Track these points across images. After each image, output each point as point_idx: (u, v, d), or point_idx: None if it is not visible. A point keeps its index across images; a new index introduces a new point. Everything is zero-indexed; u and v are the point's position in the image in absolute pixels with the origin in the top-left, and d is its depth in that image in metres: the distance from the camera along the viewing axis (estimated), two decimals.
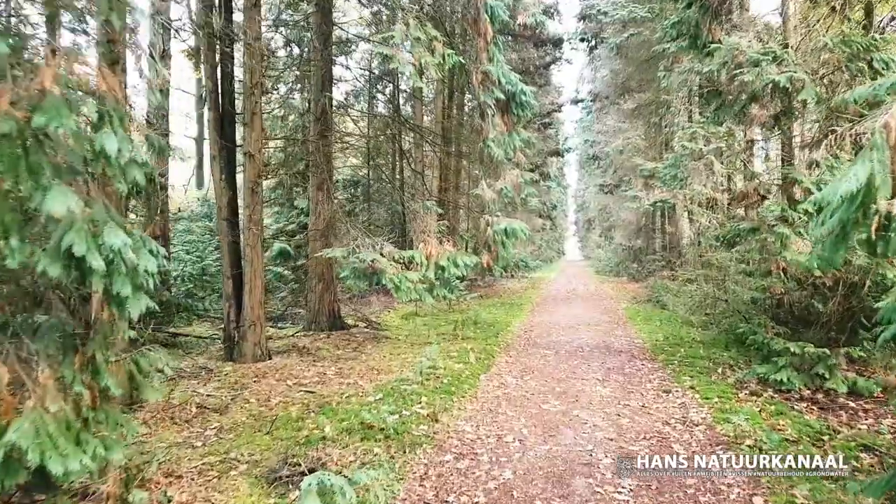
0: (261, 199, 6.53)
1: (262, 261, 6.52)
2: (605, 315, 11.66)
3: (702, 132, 9.73)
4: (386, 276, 5.66)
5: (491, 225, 8.10)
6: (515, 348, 7.91)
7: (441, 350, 7.31)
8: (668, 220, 17.99)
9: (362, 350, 7.41)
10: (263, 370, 6.15)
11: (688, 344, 7.89)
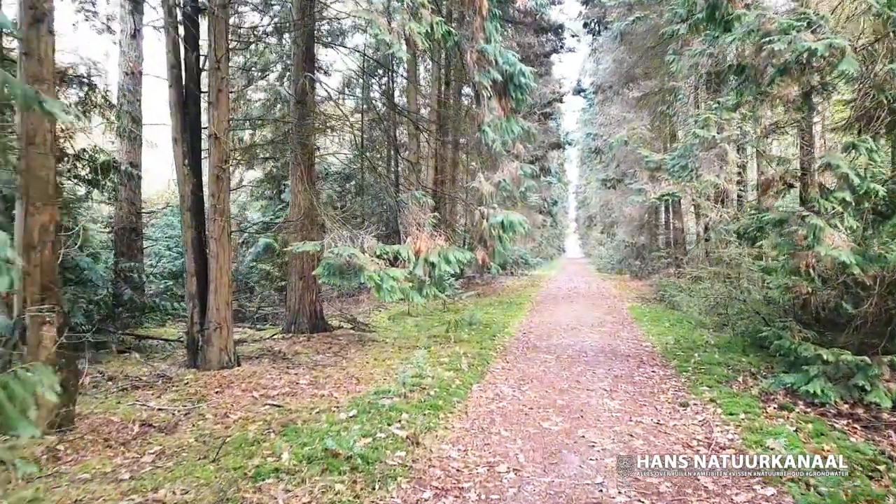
0: (227, 187, 5.85)
1: (229, 256, 5.84)
2: (610, 315, 10.98)
3: (714, 118, 9.02)
4: (365, 273, 4.98)
5: (486, 217, 7.43)
6: (513, 352, 7.24)
7: (430, 355, 6.64)
8: (674, 215, 17.30)
9: (344, 355, 6.74)
10: (229, 379, 5.47)
11: (701, 348, 7.21)
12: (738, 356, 6.69)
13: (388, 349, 7.15)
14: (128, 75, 9.23)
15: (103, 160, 7.26)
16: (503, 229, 7.41)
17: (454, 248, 6.93)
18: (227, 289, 5.80)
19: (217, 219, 5.72)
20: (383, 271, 5.18)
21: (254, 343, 7.20)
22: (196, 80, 5.99)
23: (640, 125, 13.35)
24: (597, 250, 37.45)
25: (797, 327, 5.73)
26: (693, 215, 16.96)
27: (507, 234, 7.57)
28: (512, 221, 7.12)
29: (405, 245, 6.35)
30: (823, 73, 5.22)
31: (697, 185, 11.38)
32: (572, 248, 62.35)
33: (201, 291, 5.85)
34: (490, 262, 7.61)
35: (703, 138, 9.17)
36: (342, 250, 4.96)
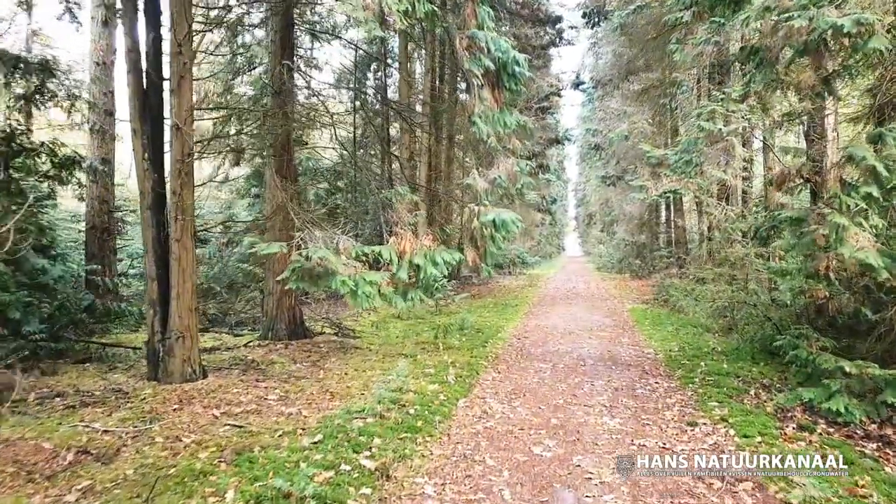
0: (191, 183, 5.34)
1: (193, 258, 5.34)
2: (609, 318, 10.49)
3: (721, 110, 8.51)
4: (337, 277, 4.48)
5: (477, 216, 6.93)
6: (505, 361, 6.74)
7: (415, 364, 6.14)
8: (675, 214, 16.80)
9: (322, 364, 6.24)
10: (191, 393, 4.98)
11: (708, 355, 6.72)
12: (747, 365, 6.21)
13: (372, 357, 6.65)
14: (99, 66, 8.71)
15: (65, 155, 6.76)
16: (495, 228, 6.91)
17: (442, 248, 6.43)
18: (190, 294, 5.29)
19: (179, 218, 5.22)
20: (359, 275, 4.67)
21: (227, 352, 6.70)
22: (157, 65, 5.47)
23: (641, 119, 12.84)
24: (596, 249, 36.96)
25: (814, 335, 5.23)
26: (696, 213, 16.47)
27: (499, 234, 7.08)
28: (505, 220, 6.62)
29: (388, 246, 5.85)
30: (847, 54, 4.72)
31: (701, 181, 10.89)
32: (572, 246, 61.87)
33: (163, 297, 5.34)
34: (481, 263, 7.12)
35: (708, 131, 8.66)
36: (312, 252, 4.46)
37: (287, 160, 7.29)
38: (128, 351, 6.58)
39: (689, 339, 7.80)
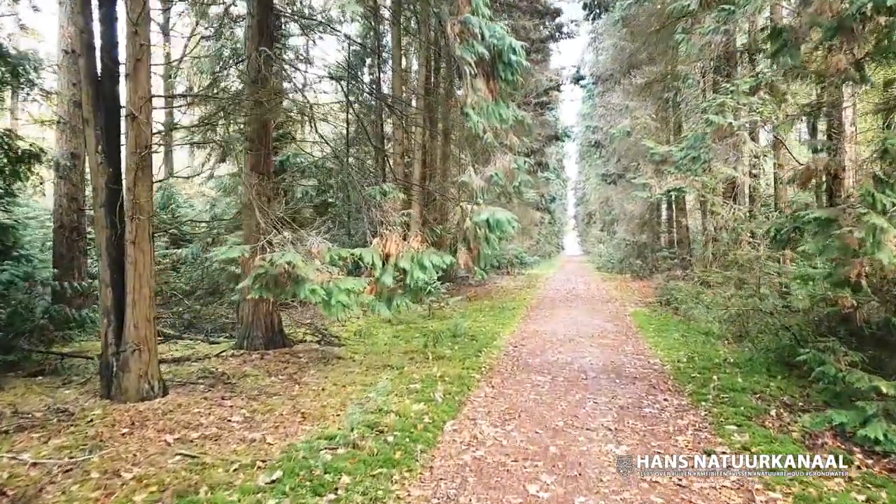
0: (149, 178, 4.79)
1: (151, 262, 4.79)
2: (611, 322, 9.96)
3: (731, 103, 7.99)
4: (306, 285, 3.94)
5: (469, 215, 6.40)
6: (500, 373, 6.21)
7: (400, 379, 5.60)
8: (678, 213, 16.28)
9: (299, 378, 5.70)
10: (146, 414, 4.44)
11: (719, 367, 6.19)
12: (763, 379, 5.68)
13: (354, 369, 6.11)
14: (67, 54, 8.15)
15: (22, 149, 6.21)
16: (489, 228, 6.38)
17: (431, 250, 5.89)
18: (148, 302, 4.75)
19: (136, 217, 4.67)
20: (332, 282, 4.13)
21: (197, 363, 6.16)
22: (112, 47, 4.92)
23: (644, 114, 12.30)
24: (596, 248, 36.44)
25: (841, 349, 4.71)
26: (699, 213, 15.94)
27: (494, 234, 6.55)
28: (499, 219, 6.09)
29: (370, 248, 5.32)
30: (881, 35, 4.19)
31: (707, 179, 10.36)
32: (571, 245, 61.38)
33: (118, 305, 4.80)
34: (474, 265, 6.59)
35: (717, 125, 8.14)
36: (277, 257, 3.92)
37: (264, 154, 6.75)
38: (88, 362, 6.03)
39: (697, 348, 7.27)
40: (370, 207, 5.58)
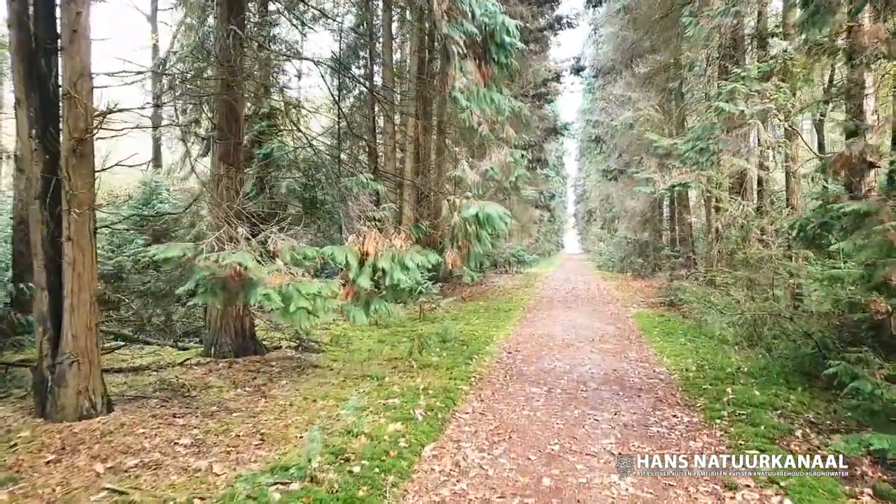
0: (89, 167, 4.22)
1: (93, 262, 4.23)
2: (613, 325, 9.39)
3: (744, 89, 7.40)
4: (258, 289, 3.37)
5: (458, 209, 5.83)
6: (491, 383, 5.64)
7: (378, 391, 5.03)
8: (683, 209, 15.70)
9: (267, 390, 5.13)
10: (81, 436, 3.87)
11: (732, 377, 5.63)
12: (783, 391, 5.12)
13: (331, 380, 5.55)
14: None
15: None
16: (479, 224, 5.82)
17: (416, 249, 5.33)
18: (89, 308, 4.18)
19: (75, 212, 4.10)
20: (291, 286, 3.56)
21: (157, 372, 5.59)
22: (48, 17, 4.34)
23: (647, 106, 11.70)
24: (596, 246, 35.85)
25: (875, 360, 4.14)
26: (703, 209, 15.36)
27: (484, 231, 5.98)
28: (490, 214, 5.52)
29: (343, 246, 4.75)
30: None
31: (715, 174, 9.78)
32: (571, 243, 60.85)
33: (55, 311, 4.23)
34: (463, 265, 6.03)
35: (728, 114, 7.56)
36: (224, 256, 3.34)
37: (234, 143, 6.17)
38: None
39: (706, 355, 6.71)
40: (346, 201, 5.00)
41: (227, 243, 3.63)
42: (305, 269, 4.16)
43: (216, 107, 6.20)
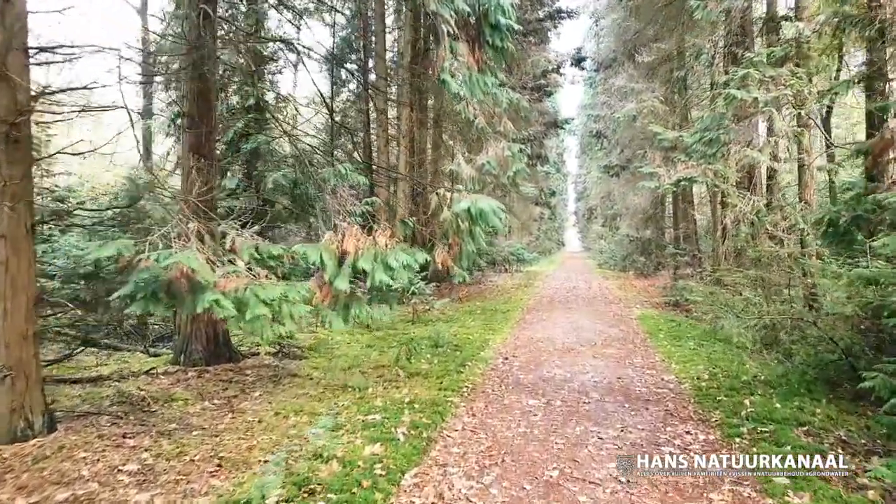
0: (26, 154, 3.72)
1: (30, 263, 3.73)
2: (616, 327, 8.90)
3: (757, 75, 6.89)
4: (205, 295, 2.88)
5: (448, 204, 5.35)
6: (485, 394, 5.15)
7: (359, 406, 4.54)
8: (687, 206, 15.20)
9: (237, 403, 4.65)
10: (11, 463, 3.38)
11: (749, 387, 5.14)
12: (806, 403, 4.63)
13: (309, 391, 5.06)
14: None
15: None
16: (472, 220, 5.34)
17: (401, 247, 4.84)
18: (24, 314, 3.69)
19: (6, 205, 3.61)
20: (248, 290, 3.06)
21: (119, 382, 5.10)
22: None
23: (651, 97, 11.19)
24: (597, 244, 35.34)
25: None
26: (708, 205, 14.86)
27: (477, 227, 5.51)
28: (482, 209, 5.03)
29: (318, 244, 4.27)
30: None
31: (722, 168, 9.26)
32: (572, 241, 60.38)
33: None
34: (454, 265, 5.54)
35: (739, 102, 7.06)
36: (164, 256, 2.85)
37: (206, 133, 5.67)
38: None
39: (718, 361, 6.22)
40: (323, 194, 4.50)
41: (175, 240, 3.14)
42: (271, 271, 3.67)
43: (186, 92, 5.70)
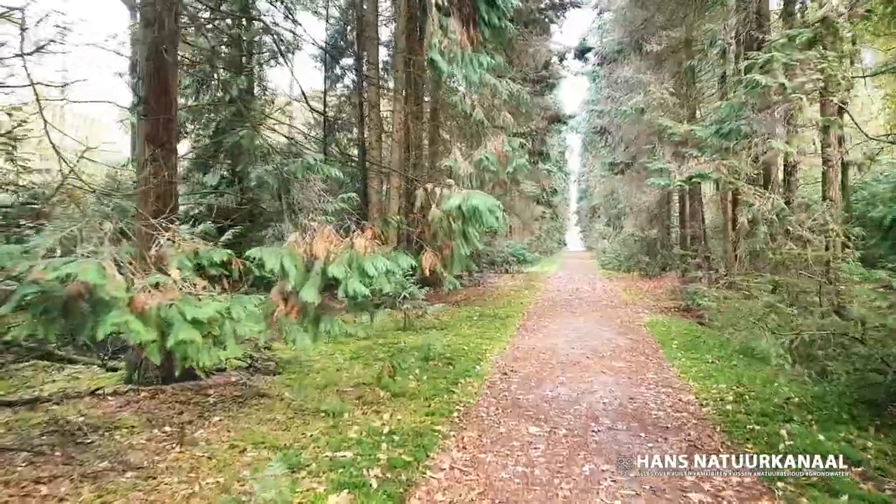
0: None
1: None
2: (624, 335, 8.22)
3: (783, 58, 6.21)
4: (109, 316, 2.23)
5: (437, 200, 4.69)
6: (478, 419, 4.49)
7: (329, 437, 3.88)
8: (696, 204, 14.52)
9: (191, 432, 3.98)
10: None
11: (783, 411, 4.48)
12: (853, 432, 3.96)
13: (277, 415, 4.40)
14: None
15: None
16: (464, 220, 4.68)
17: (382, 251, 4.16)
18: None
19: None
20: (174, 307, 2.41)
21: (57, 406, 4.45)
22: None
23: (660, 89, 10.51)
24: (600, 244, 34.63)
25: None
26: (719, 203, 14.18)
27: (471, 228, 4.85)
28: (476, 207, 4.34)
29: (280, 249, 3.61)
30: None
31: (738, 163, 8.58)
32: (574, 241, 59.70)
33: None
34: (444, 271, 4.88)
35: (763, 89, 6.40)
36: (54, 265, 2.20)
37: (164, 121, 5.02)
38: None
39: (742, 378, 5.55)
40: (288, 188, 3.84)
41: (80, 244, 2.49)
42: (212, 280, 3.01)
43: (142, 75, 5.05)
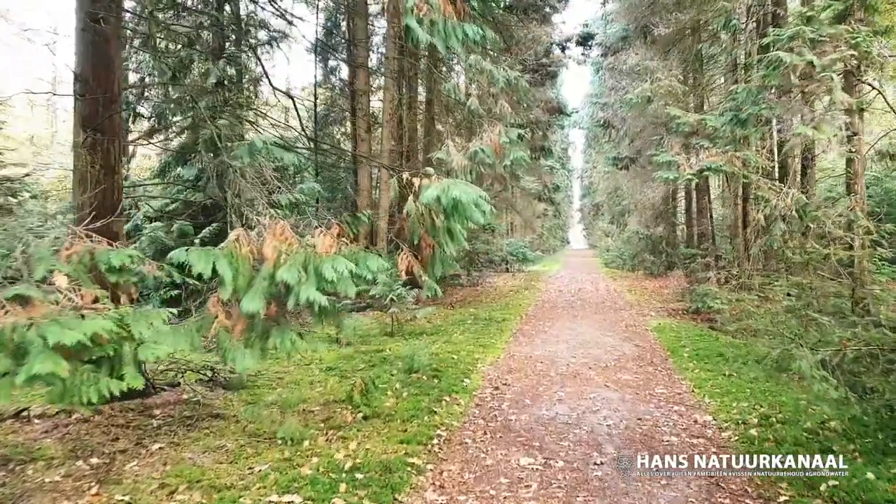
0: None
1: None
2: (630, 342, 7.56)
3: (811, 34, 5.53)
4: None
5: (415, 192, 4.07)
6: (462, 448, 3.84)
7: (278, 475, 3.25)
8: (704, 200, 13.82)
9: (121, 465, 3.36)
10: None
11: (818, 438, 3.82)
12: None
13: (227, 443, 3.77)
14: None
15: None
16: (446, 214, 4.06)
17: (346, 252, 3.53)
18: None
19: None
20: (34, 330, 1.78)
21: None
22: None
23: (668, 76, 9.82)
24: (603, 242, 33.92)
25: None
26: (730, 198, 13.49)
27: (455, 223, 4.23)
28: (458, 199, 3.72)
29: (216, 249, 2.98)
30: None
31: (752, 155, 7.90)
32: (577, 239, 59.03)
33: None
34: (423, 273, 4.27)
35: (787, 68, 5.73)
36: None
37: (104, 102, 4.39)
38: None
39: (765, 394, 4.89)
40: (224, 178, 3.21)
41: None
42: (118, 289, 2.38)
43: (79, 49, 4.42)
